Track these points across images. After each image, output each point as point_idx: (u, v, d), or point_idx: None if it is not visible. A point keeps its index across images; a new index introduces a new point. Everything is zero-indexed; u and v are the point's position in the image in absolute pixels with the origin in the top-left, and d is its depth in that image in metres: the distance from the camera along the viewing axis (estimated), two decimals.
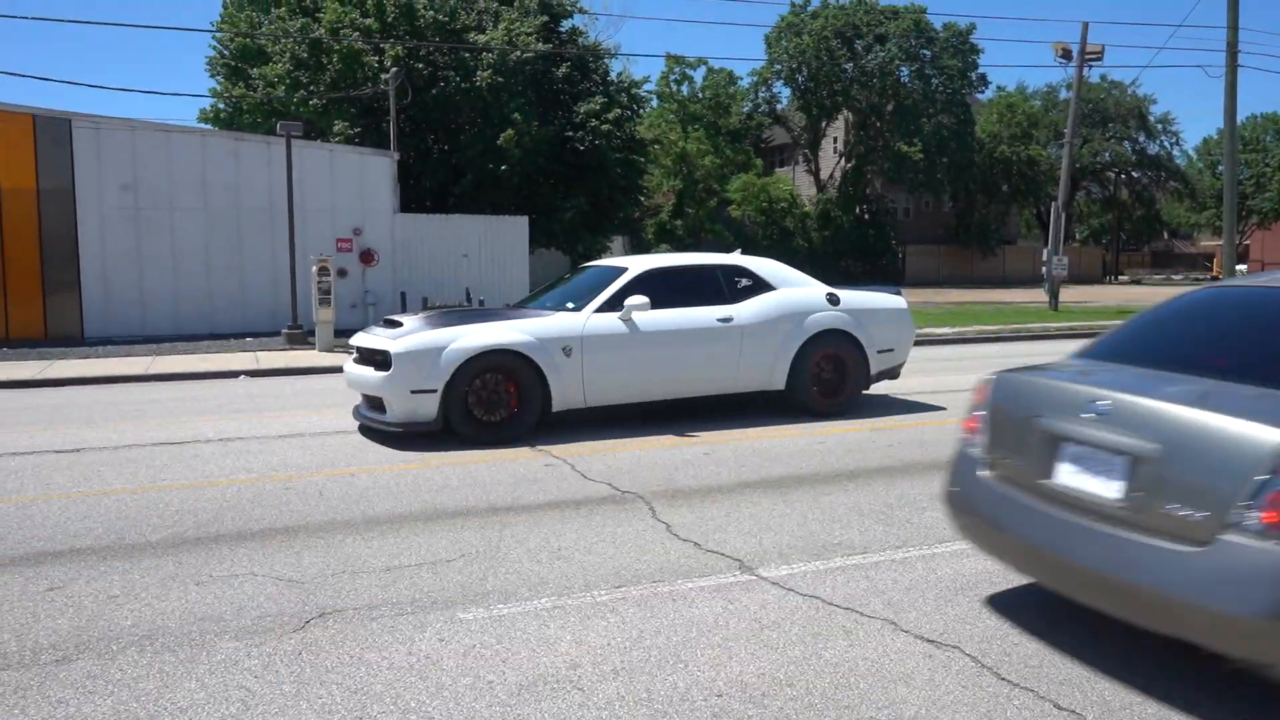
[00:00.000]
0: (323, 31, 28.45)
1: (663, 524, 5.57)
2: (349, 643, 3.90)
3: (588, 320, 8.31)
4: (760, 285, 9.11)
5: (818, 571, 4.76)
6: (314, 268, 17.89)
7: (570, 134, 30.25)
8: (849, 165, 50.32)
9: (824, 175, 51.74)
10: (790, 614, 4.20)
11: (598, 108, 30.44)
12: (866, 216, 50.84)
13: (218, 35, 34.12)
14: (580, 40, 33.81)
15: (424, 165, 28.72)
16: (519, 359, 7.98)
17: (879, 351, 9.43)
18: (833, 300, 9.30)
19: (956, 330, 19.32)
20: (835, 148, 51.98)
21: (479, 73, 28.10)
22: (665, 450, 7.66)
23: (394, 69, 25.58)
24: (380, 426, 8.04)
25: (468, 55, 28.52)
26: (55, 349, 16.67)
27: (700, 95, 49.68)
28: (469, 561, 4.92)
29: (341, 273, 20.12)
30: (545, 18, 31.23)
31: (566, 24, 33.32)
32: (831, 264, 46.65)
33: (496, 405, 7.96)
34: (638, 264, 8.96)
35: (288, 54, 29.45)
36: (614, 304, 8.48)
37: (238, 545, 5.22)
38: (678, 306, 8.68)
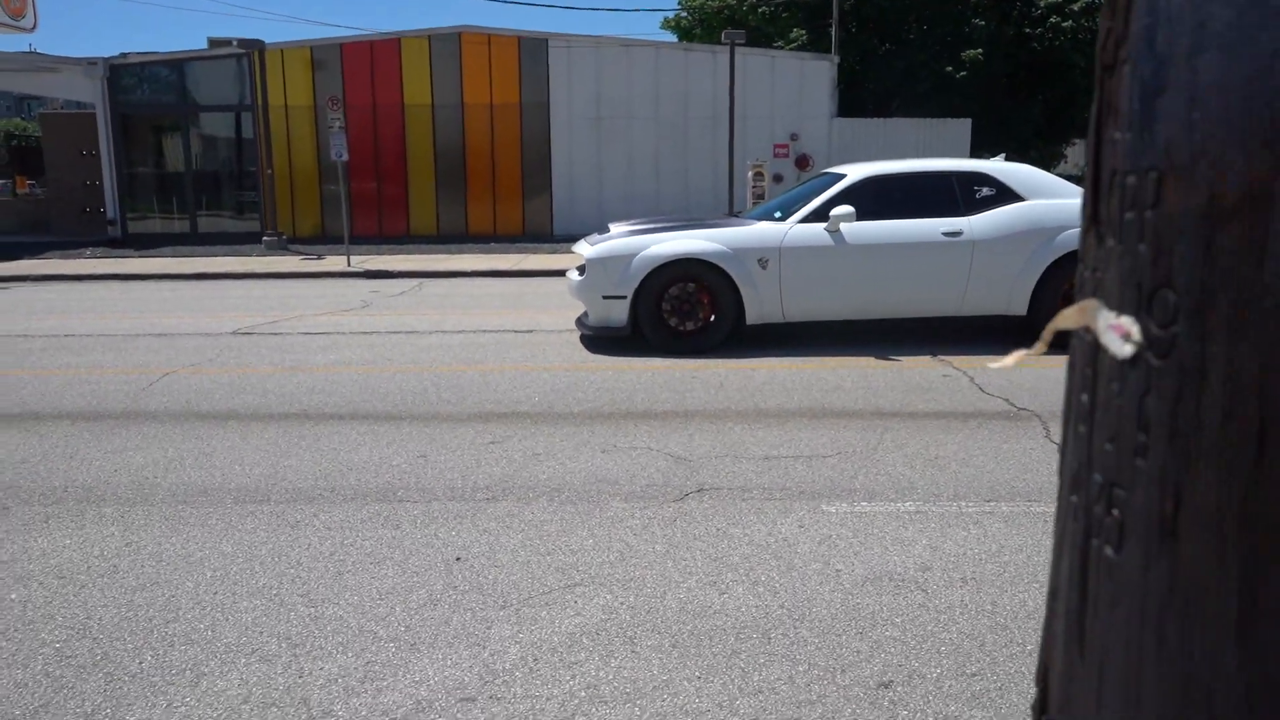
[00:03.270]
0: None
1: (1055, 445, 5.29)
2: (717, 517, 4.28)
3: (789, 231, 7.92)
4: (1006, 195, 8.00)
5: None
6: (749, 173, 18.57)
7: (1029, 30, 27.94)
8: None
9: None
10: None
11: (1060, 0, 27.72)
12: None
13: None
14: None
15: (868, 69, 28.24)
16: (711, 269, 7.83)
17: None
18: None
19: None
20: None
21: None
22: None
23: None
24: (583, 330, 8.38)
25: None
26: (530, 244, 19.17)
27: None
28: (843, 459, 5.08)
29: (777, 178, 20.68)
30: None
31: None
32: None
33: (690, 314, 7.93)
34: (857, 171, 8.30)
35: None
36: (821, 214, 7.96)
37: (641, 423, 5.84)
38: (903, 217, 7.94)
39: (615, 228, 8.61)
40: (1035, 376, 6.95)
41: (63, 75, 21.13)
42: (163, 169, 22.35)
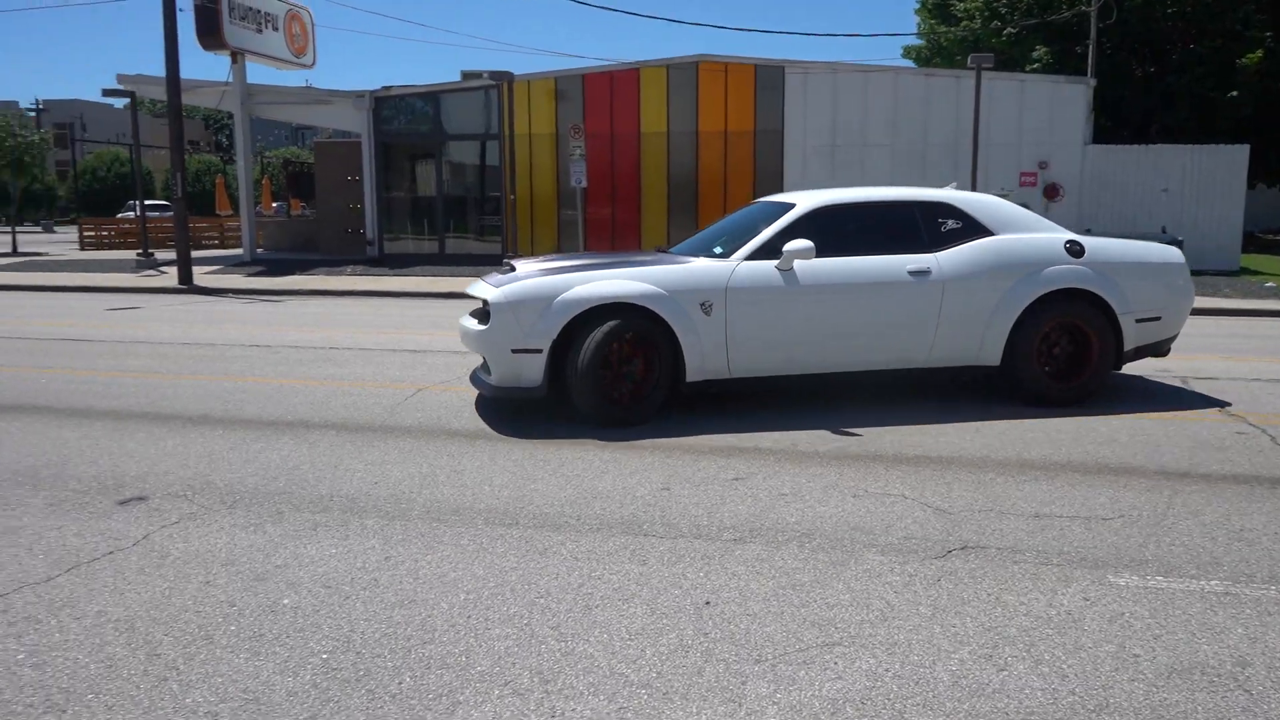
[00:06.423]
0: None
1: None
2: (987, 580, 3.90)
3: (736, 269, 6.65)
4: (973, 229, 7.00)
5: None
6: None
7: None
8: None
9: None
10: None
11: None
12: None
13: None
14: None
15: (1122, 92, 26.31)
16: (645, 315, 6.46)
17: (1138, 320, 7.05)
18: (1074, 250, 6.96)
19: None
20: None
21: None
22: None
23: None
24: (484, 391, 6.75)
25: None
26: None
27: None
28: (1127, 524, 4.55)
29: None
30: None
31: None
32: None
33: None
34: (808, 199, 7.15)
35: None
36: (772, 249, 6.75)
37: (893, 467, 5.50)
38: (861, 253, 6.85)
39: (522, 266, 7.14)
40: None
41: (334, 107, 23.03)
42: (415, 194, 23.87)
